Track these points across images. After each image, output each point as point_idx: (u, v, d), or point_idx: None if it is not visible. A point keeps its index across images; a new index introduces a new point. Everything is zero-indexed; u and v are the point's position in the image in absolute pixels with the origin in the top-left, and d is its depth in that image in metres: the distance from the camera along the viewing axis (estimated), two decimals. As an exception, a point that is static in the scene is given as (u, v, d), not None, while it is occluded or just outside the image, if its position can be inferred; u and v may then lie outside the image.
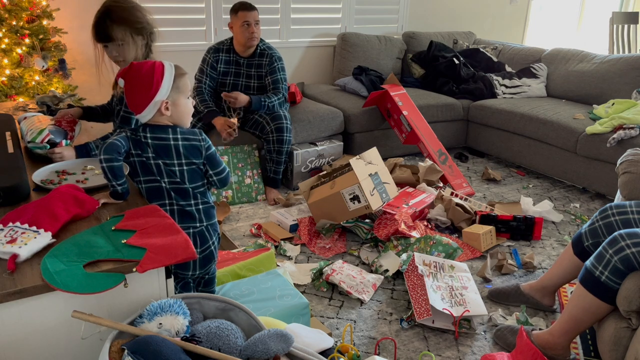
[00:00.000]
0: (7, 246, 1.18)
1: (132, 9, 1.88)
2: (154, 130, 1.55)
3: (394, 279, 2.39)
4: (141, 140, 1.54)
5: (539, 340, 1.82)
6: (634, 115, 3.22)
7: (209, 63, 3.22)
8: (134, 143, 1.54)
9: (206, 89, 3.22)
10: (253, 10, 3.13)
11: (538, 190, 3.51)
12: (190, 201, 1.60)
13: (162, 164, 1.55)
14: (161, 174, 1.56)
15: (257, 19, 3.14)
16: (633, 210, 1.84)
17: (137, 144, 1.54)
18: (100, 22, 1.85)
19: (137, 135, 1.54)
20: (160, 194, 1.57)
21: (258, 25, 3.15)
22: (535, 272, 2.50)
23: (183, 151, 1.56)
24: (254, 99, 3.11)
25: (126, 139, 1.53)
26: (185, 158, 1.57)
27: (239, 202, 3.14)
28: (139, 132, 1.54)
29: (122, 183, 1.50)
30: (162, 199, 1.57)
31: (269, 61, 3.21)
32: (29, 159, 1.83)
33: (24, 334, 1.12)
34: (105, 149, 1.47)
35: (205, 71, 3.23)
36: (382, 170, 2.78)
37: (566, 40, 6.25)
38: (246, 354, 1.18)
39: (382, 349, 1.93)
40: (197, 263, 1.63)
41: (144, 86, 1.50)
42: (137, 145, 1.54)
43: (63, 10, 3.33)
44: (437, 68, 4.36)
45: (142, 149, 1.54)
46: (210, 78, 3.24)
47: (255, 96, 3.13)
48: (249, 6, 3.14)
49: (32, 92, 3.03)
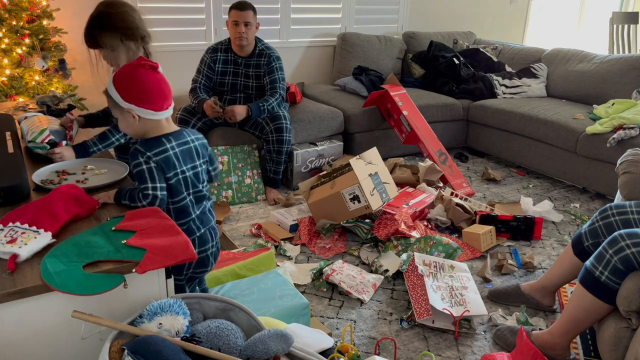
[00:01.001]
0: (7, 246, 1.18)
1: (123, 13, 1.86)
2: (175, 137, 1.53)
3: (394, 279, 2.39)
4: (170, 157, 1.49)
5: (539, 341, 1.82)
6: (634, 115, 3.22)
7: (206, 63, 3.21)
8: (166, 166, 1.49)
9: (201, 88, 3.20)
10: (244, 11, 3.07)
11: (538, 190, 3.51)
12: (206, 203, 1.64)
13: (192, 173, 1.55)
14: (187, 185, 1.55)
15: (248, 20, 3.07)
16: (633, 210, 1.84)
17: (168, 163, 1.49)
18: (90, 29, 1.85)
19: (163, 154, 1.48)
20: (187, 210, 1.57)
21: (250, 27, 3.09)
22: (535, 272, 2.50)
23: (201, 150, 1.58)
24: (252, 108, 3.07)
25: (157, 170, 1.47)
26: (202, 157, 1.59)
27: (239, 202, 3.14)
28: (166, 147, 1.49)
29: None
30: (189, 215, 1.57)
31: (267, 61, 3.19)
32: (29, 159, 1.83)
33: (24, 334, 1.12)
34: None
35: (202, 71, 3.21)
36: (382, 170, 2.78)
37: (566, 40, 6.26)
38: (246, 354, 1.18)
39: (382, 349, 1.93)
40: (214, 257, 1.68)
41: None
42: (170, 166, 1.49)
43: (63, 10, 3.33)
44: (437, 68, 4.36)
45: (172, 165, 1.50)
46: (207, 77, 3.22)
47: (254, 105, 3.09)
48: (242, 5, 3.09)
49: (32, 92, 3.03)
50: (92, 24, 1.85)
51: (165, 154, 1.48)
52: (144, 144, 1.48)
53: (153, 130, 1.51)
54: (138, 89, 1.46)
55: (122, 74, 1.48)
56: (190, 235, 1.58)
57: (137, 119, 1.48)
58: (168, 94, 1.52)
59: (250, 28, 3.10)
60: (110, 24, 1.84)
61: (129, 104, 1.46)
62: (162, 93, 1.50)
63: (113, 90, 1.47)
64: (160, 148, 1.48)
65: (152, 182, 1.45)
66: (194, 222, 1.59)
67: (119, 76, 1.48)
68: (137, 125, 1.49)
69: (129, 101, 1.45)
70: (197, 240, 1.60)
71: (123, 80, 1.47)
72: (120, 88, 1.46)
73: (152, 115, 1.48)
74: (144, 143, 1.48)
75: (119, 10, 1.86)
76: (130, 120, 1.48)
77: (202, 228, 1.61)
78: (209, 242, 1.64)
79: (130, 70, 1.47)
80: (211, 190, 3.09)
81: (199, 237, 1.60)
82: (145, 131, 1.52)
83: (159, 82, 1.49)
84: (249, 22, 3.08)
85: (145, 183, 1.45)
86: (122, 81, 1.47)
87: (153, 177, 1.46)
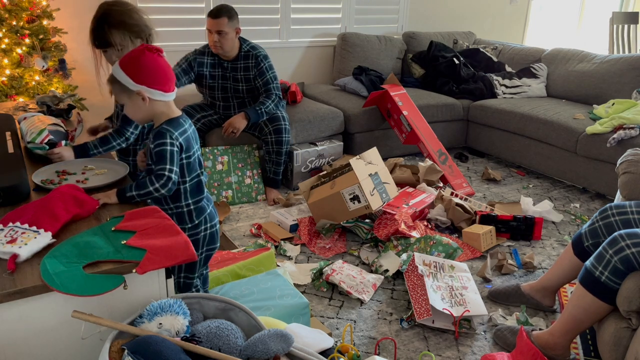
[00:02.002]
0: (7, 246, 1.18)
1: (129, 11, 1.86)
2: (185, 119, 1.57)
3: (394, 279, 2.39)
4: (189, 137, 1.55)
5: (539, 341, 1.82)
6: (634, 115, 3.22)
7: (187, 59, 3.11)
8: (186, 146, 1.54)
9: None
10: (217, 18, 2.92)
11: (538, 190, 3.51)
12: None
13: (199, 153, 1.60)
14: (200, 164, 1.62)
15: (221, 28, 2.92)
16: (633, 211, 1.84)
17: (189, 143, 1.55)
18: (98, 27, 1.84)
19: (184, 134, 1.53)
20: (201, 188, 1.64)
21: (224, 35, 2.94)
22: (535, 272, 2.50)
23: (195, 136, 1.62)
24: (250, 115, 3.01)
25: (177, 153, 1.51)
26: (197, 141, 1.62)
27: (239, 202, 3.14)
28: (185, 128, 1.54)
29: None
30: (202, 192, 1.64)
31: (255, 62, 3.09)
32: (29, 159, 1.82)
33: (24, 334, 1.12)
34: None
35: (181, 64, 3.09)
36: (382, 170, 2.78)
37: (566, 40, 6.25)
38: (246, 354, 1.18)
39: (382, 349, 1.93)
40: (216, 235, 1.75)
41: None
42: (189, 146, 1.55)
43: (63, 10, 3.33)
44: (437, 68, 4.36)
45: (191, 145, 1.56)
46: (183, 70, 3.07)
47: (250, 109, 3.04)
48: (215, 13, 2.94)
49: (32, 92, 3.03)
50: (100, 22, 1.84)
51: (186, 134, 1.54)
52: (170, 124, 1.51)
53: (162, 113, 1.54)
54: (148, 70, 1.47)
55: (130, 58, 1.49)
56: (202, 212, 1.65)
57: (147, 101, 1.49)
58: (173, 77, 1.55)
59: (225, 36, 2.96)
60: (119, 21, 1.83)
61: (140, 85, 1.47)
62: (170, 74, 1.53)
63: (121, 74, 1.47)
64: (182, 128, 1.53)
65: (171, 164, 1.48)
66: (207, 199, 1.67)
67: (126, 60, 1.49)
68: (146, 107, 1.51)
69: (139, 82, 1.47)
70: (208, 217, 1.67)
71: (131, 62, 1.48)
72: (129, 70, 1.47)
73: (162, 97, 1.51)
74: (170, 123, 1.52)
75: (126, 9, 1.87)
76: (140, 103, 1.50)
77: (210, 205, 1.69)
78: (215, 218, 1.71)
79: (137, 54, 1.48)
80: (211, 190, 3.09)
81: (209, 214, 1.67)
82: (154, 114, 1.54)
83: (166, 65, 1.52)
84: (222, 30, 2.94)
85: (163, 164, 1.48)
86: (131, 64, 1.48)
87: (173, 159, 1.49)
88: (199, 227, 1.65)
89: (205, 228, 1.67)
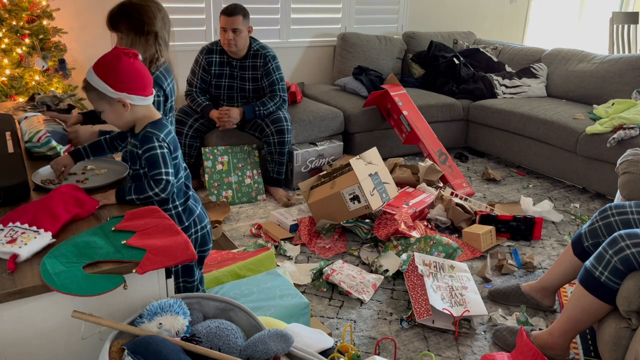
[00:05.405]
0: (7, 246, 1.18)
1: (145, 7, 1.88)
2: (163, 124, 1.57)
3: (394, 279, 2.39)
4: (174, 137, 1.56)
5: (539, 341, 1.82)
6: (634, 115, 3.22)
7: (201, 65, 3.15)
8: (174, 147, 1.53)
9: (197, 92, 3.17)
10: (232, 16, 2.95)
11: (538, 190, 3.51)
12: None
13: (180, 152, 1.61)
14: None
15: (236, 26, 2.96)
16: (633, 211, 1.84)
17: (176, 143, 1.55)
18: (115, 10, 1.89)
19: (170, 134, 1.53)
20: (188, 187, 1.65)
21: (239, 33, 2.98)
22: (535, 272, 2.50)
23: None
24: (246, 110, 3.05)
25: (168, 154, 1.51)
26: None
27: (239, 202, 3.14)
28: (170, 128, 1.54)
29: None
30: (189, 189, 1.65)
31: (263, 62, 3.12)
32: (29, 159, 1.82)
33: (24, 334, 1.12)
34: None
35: (197, 73, 3.16)
36: (382, 170, 2.78)
37: (566, 40, 6.25)
38: (246, 354, 1.18)
39: (382, 349, 1.93)
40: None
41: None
42: (176, 146, 1.56)
43: (63, 10, 3.33)
44: (437, 68, 4.36)
45: (177, 145, 1.57)
46: (202, 80, 3.17)
47: (248, 106, 3.06)
48: (229, 11, 2.98)
49: (32, 92, 3.03)
50: (119, 6, 1.89)
51: (171, 135, 1.52)
52: (154, 126, 1.49)
53: (144, 116, 1.51)
54: (127, 76, 1.43)
55: (106, 64, 1.43)
56: (192, 213, 1.63)
57: (128, 108, 1.46)
58: (151, 80, 1.52)
59: (240, 34, 3.00)
60: (128, 12, 1.86)
61: (120, 93, 1.43)
62: (148, 77, 1.50)
63: (98, 81, 1.42)
64: (167, 129, 1.51)
65: (165, 167, 1.46)
66: (194, 199, 1.65)
67: (102, 67, 1.43)
68: (127, 114, 1.48)
69: (120, 90, 1.43)
70: (197, 219, 1.65)
71: (109, 69, 1.43)
72: (108, 78, 1.42)
73: (142, 101, 1.49)
74: (154, 126, 1.49)
75: (143, 4, 1.88)
76: (120, 110, 1.46)
77: (198, 206, 1.67)
78: (205, 219, 1.69)
79: (114, 60, 1.43)
80: (211, 190, 3.09)
81: (198, 215, 1.65)
82: (135, 119, 1.51)
83: (143, 68, 1.49)
84: (237, 28, 2.98)
85: (158, 168, 1.45)
86: (108, 70, 1.42)
87: (166, 161, 1.47)
88: (189, 230, 1.63)
89: (196, 230, 1.66)
